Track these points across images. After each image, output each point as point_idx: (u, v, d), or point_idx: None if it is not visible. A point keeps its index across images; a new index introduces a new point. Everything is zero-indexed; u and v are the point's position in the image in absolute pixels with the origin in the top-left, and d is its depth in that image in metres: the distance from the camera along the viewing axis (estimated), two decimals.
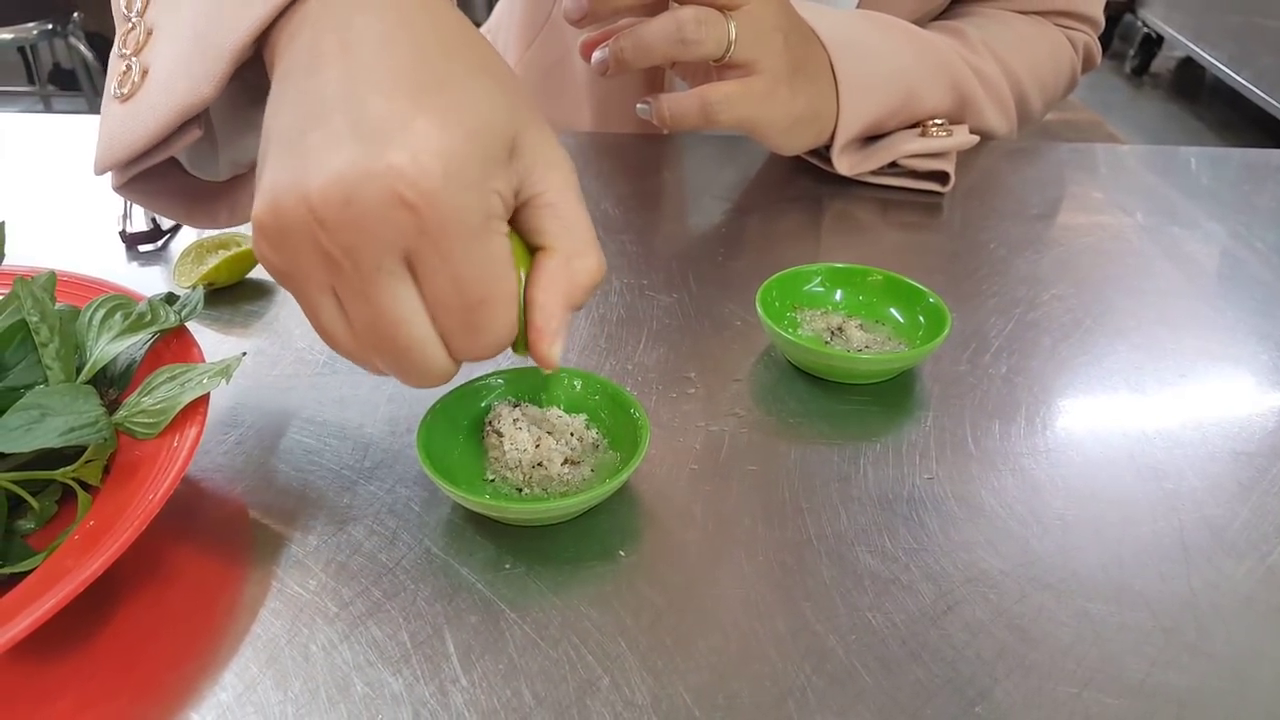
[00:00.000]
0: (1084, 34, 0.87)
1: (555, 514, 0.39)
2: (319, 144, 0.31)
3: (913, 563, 0.38)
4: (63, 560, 0.33)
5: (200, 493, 0.41)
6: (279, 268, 0.33)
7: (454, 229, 0.31)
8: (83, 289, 0.47)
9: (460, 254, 0.32)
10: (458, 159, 0.31)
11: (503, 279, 0.34)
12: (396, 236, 0.31)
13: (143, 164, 0.39)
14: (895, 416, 0.47)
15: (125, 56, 0.38)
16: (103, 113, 0.39)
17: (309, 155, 0.31)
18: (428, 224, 0.31)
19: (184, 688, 0.33)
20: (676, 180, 0.77)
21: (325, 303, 0.33)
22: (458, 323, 0.33)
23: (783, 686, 0.33)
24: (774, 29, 0.63)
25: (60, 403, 0.38)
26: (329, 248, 0.31)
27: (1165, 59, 4.19)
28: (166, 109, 0.36)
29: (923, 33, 0.76)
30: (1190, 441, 0.46)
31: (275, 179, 0.31)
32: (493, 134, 0.33)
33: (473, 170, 0.32)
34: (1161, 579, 0.38)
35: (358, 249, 0.31)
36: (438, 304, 0.33)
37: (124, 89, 0.38)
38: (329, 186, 0.30)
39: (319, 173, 0.30)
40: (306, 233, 0.31)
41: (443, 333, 0.34)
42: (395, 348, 0.33)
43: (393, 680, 0.33)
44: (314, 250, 0.31)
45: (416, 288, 0.33)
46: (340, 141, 0.31)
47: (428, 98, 0.32)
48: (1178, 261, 0.64)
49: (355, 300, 0.32)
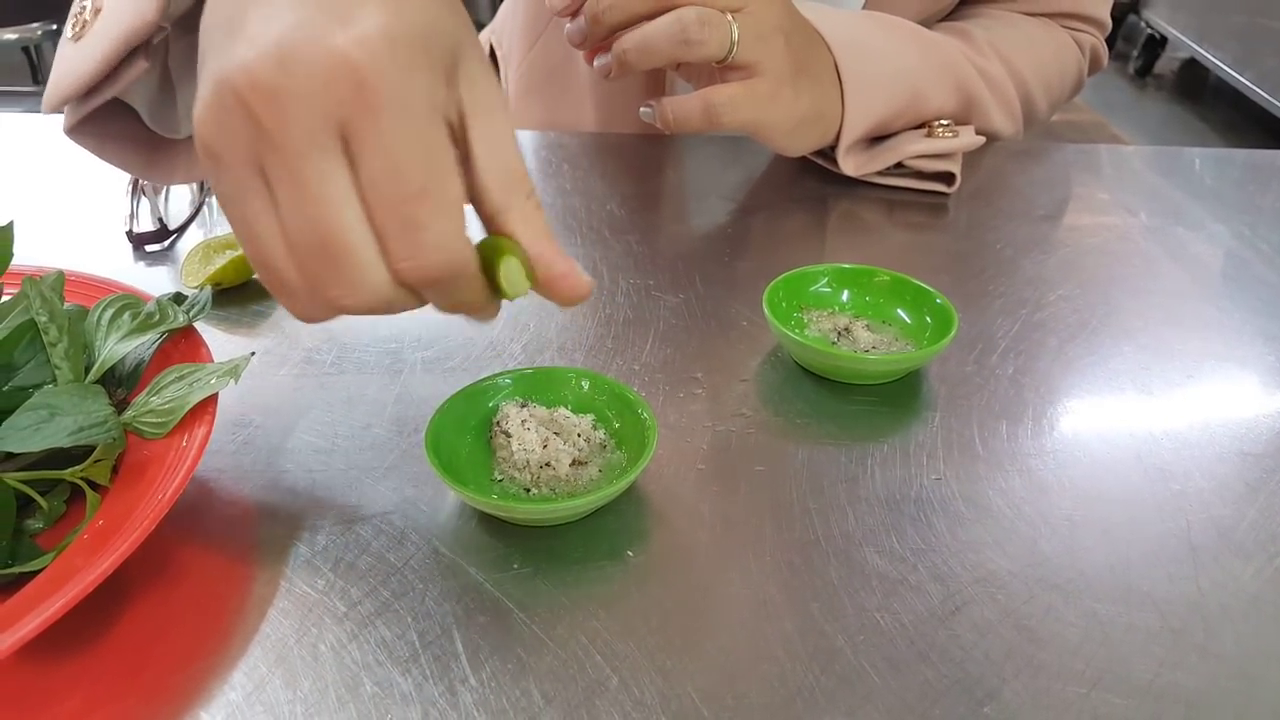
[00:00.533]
0: (1090, 36, 0.87)
1: (563, 514, 0.39)
2: (259, 19, 0.30)
3: (920, 563, 0.38)
4: (72, 560, 0.33)
5: (208, 493, 0.41)
6: (215, 152, 0.31)
7: (396, 107, 0.30)
8: (91, 289, 0.47)
9: (400, 136, 0.30)
10: (406, 39, 0.30)
11: (445, 175, 0.31)
12: (334, 107, 0.29)
13: (93, 101, 0.39)
14: (902, 417, 0.47)
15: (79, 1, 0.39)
16: (57, 57, 0.39)
17: (249, 29, 0.30)
18: (370, 94, 0.29)
19: (193, 687, 0.33)
20: (682, 181, 0.77)
21: (256, 194, 0.31)
22: (394, 218, 0.31)
23: (791, 687, 0.33)
24: (776, 30, 0.63)
25: (69, 402, 0.38)
26: (262, 118, 0.29)
27: (1169, 60, 4.19)
28: (112, 37, 0.37)
29: (928, 33, 0.75)
30: (1197, 442, 0.46)
31: (215, 65, 0.30)
32: (440, 38, 0.32)
33: (420, 56, 0.30)
34: (1169, 579, 0.38)
35: (293, 117, 0.29)
36: (373, 190, 0.30)
37: (76, 28, 0.38)
38: (268, 52, 0.29)
39: (260, 41, 0.29)
40: (243, 106, 0.29)
41: (379, 233, 0.31)
42: (326, 244, 0.31)
43: (402, 680, 0.33)
44: (248, 125, 0.30)
45: (351, 174, 0.30)
46: (282, 16, 0.29)
47: None
48: (1183, 262, 0.64)
49: (285, 183, 0.30)
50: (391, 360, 0.50)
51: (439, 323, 0.54)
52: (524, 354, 0.51)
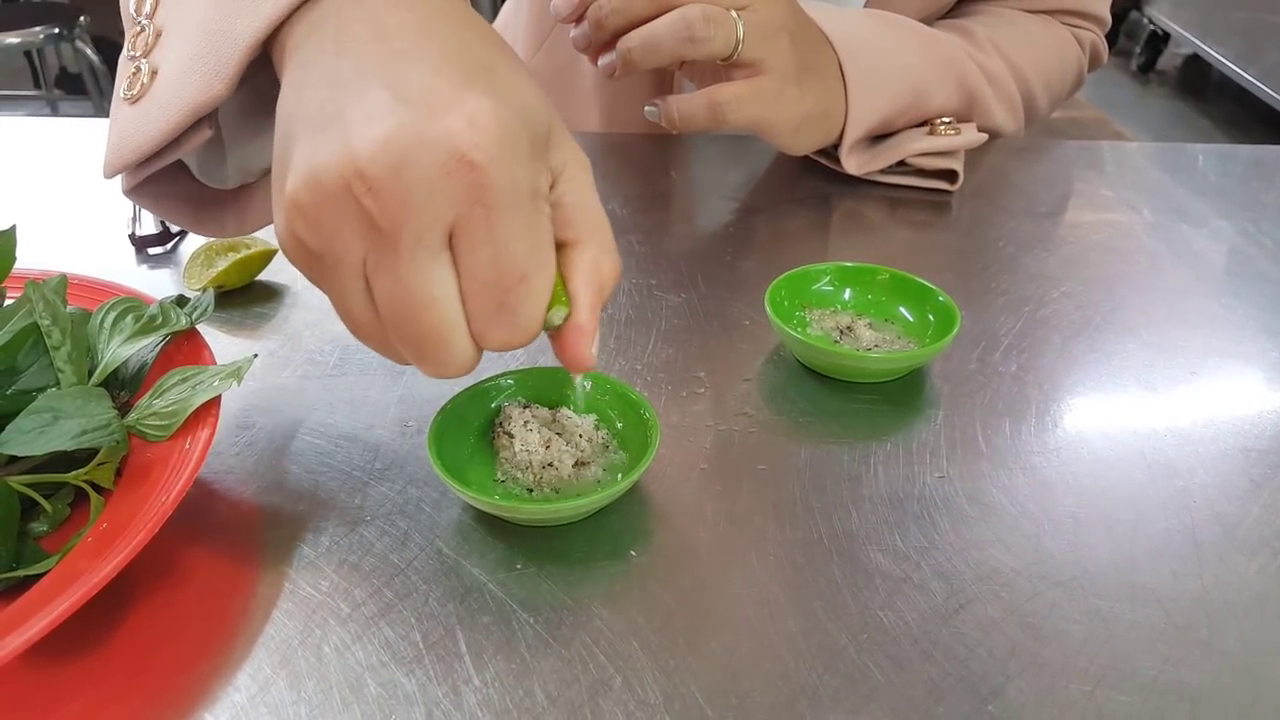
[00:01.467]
0: (1090, 33, 0.87)
1: (567, 514, 0.39)
2: (362, 115, 0.30)
3: (924, 561, 0.38)
4: (76, 563, 0.33)
5: (212, 495, 0.41)
6: (312, 247, 0.31)
7: (507, 199, 0.30)
8: (94, 292, 0.47)
9: (509, 226, 0.31)
10: (512, 130, 0.30)
11: (545, 257, 0.33)
12: (448, 205, 0.30)
13: (153, 166, 0.38)
14: (905, 415, 0.47)
15: (135, 59, 0.38)
16: (112, 116, 0.38)
17: (351, 126, 0.29)
18: (484, 191, 0.30)
19: (198, 689, 0.33)
20: (684, 180, 0.77)
21: (354, 284, 0.32)
22: (491, 303, 0.32)
23: (795, 685, 0.33)
24: (780, 28, 0.63)
25: (72, 405, 0.38)
26: (375, 217, 0.30)
27: (1171, 56, 4.18)
28: (177, 107, 0.36)
29: (930, 31, 0.76)
30: (1201, 439, 0.46)
31: (312, 153, 0.30)
32: (538, 118, 0.32)
33: (525, 144, 0.31)
34: (1173, 576, 0.38)
35: (405, 217, 0.30)
36: (475, 281, 0.32)
37: (133, 90, 0.37)
38: (380, 151, 0.29)
39: (366, 139, 0.29)
40: (350, 203, 0.30)
41: (473, 315, 0.32)
42: (420, 331, 0.32)
43: (406, 680, 0.33)
44: (354, 223, 0.30)
45: (453, 269, 0.31)
46: (388, 110, 0.29)
47: (475, 79, 0.31)
48: (1186, 259, 0.64)
49: (388, 278, 0.31)
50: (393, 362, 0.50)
51: None
52: (526, 354, 0.51)
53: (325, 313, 0.55)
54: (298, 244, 0.32)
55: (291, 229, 0.31)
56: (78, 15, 3.03)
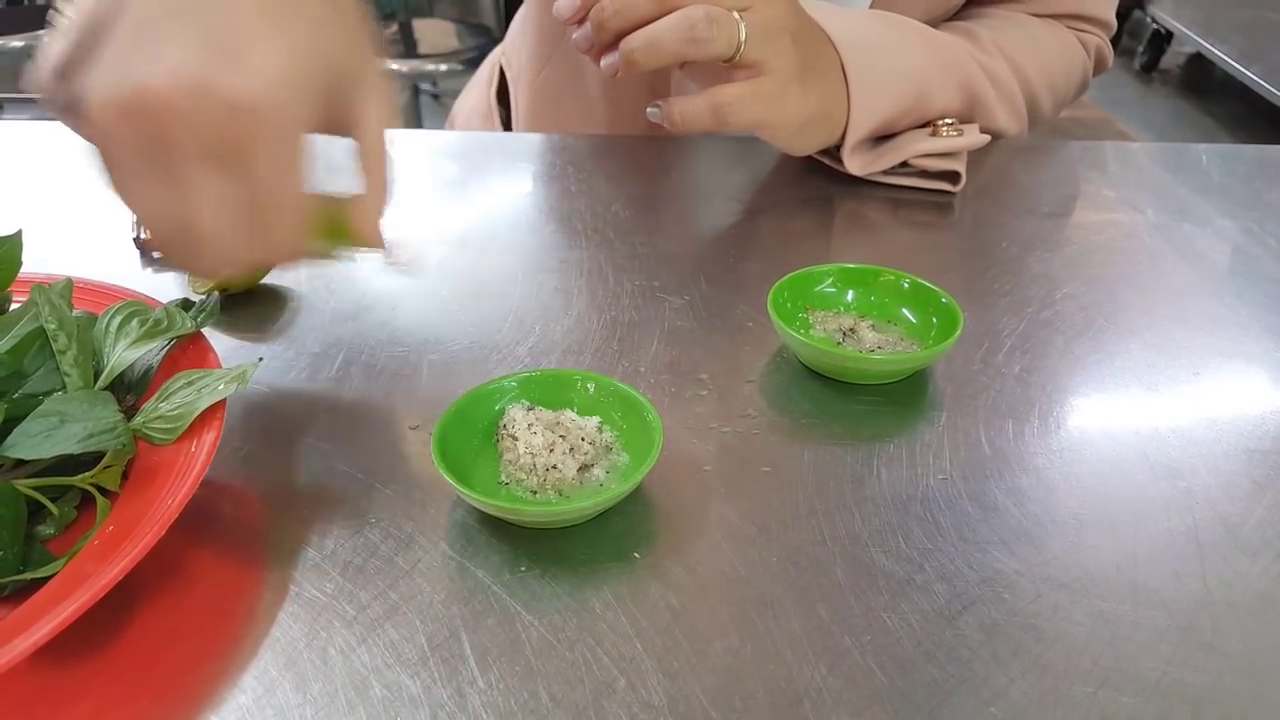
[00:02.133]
0: (1096, 37, 0.87)
1: (570, 516, 0.39)
2: (177, 42, 0.35)
3: (927, 563, 0.38)
4: (83, 565, 0.34)
5: (217, 497, 0.42)
6: (110, 133, 0.36)
7: (271, 141, 0.37)
8: (99, 295, 0.47)
9: (270, 164, 0.37)
10: (289, 83, 0.37)
11: (297, 194, 0.39)
12: (225, 134, 0.36)
13: None
14: (908, 417, 0.47)
15: None
16: None
17: (166, 49, 0.35)
18: (253, 132, 0.36)
19: (203, 691, 0.33)
20: (687, 182, 0.77)
21: (137, 178, 0.37)
22: (250, 225, 0.38)
23: (798, 687, 0.33)
24: (782, 29, 0.63)
25: (79, 409, 0.38)
26: (167, 130, 0.35)
27: (1174, 55, 4.17)
28: None
29: (934, 32, 0.75)
30: (1204, 439, 0.46)
31: (129, 66, 0.35)
32: (326, 73, 0.39)
33: (301, 95, 0.37)
34: (1176, 577, 0.38)
35: (190, 137, 0.36)
36: (236, 199, 0.37)
37: None
38: (184, 79, 0.35)
39: (178, 68, 0.35)
40: (149, 116, 0.35)
41: (235, 231, 0.38)
42: (190, 238, 0.38)
43: (410, 682, 0.33)
44: (150, 129, 0.35)
45: (220, 183, 0.37)
46: (194, 47, 0.35)
47: (279, 27, 0.37)
48: (1190, 259, 0.64)
49: (164, 183, 0.37)
50: (398, 364, 0.51)
51: (445, 326, 0.54)
52: (530, 356, 0.51)
53: (329, 316, 0.55)
54: (101, 132, 0.37)
55: (102, 122, 0.36)
56: None
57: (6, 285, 0.44)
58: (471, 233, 0.66)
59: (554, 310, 0.56)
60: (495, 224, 0.68)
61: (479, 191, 0.74)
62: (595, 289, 0.58)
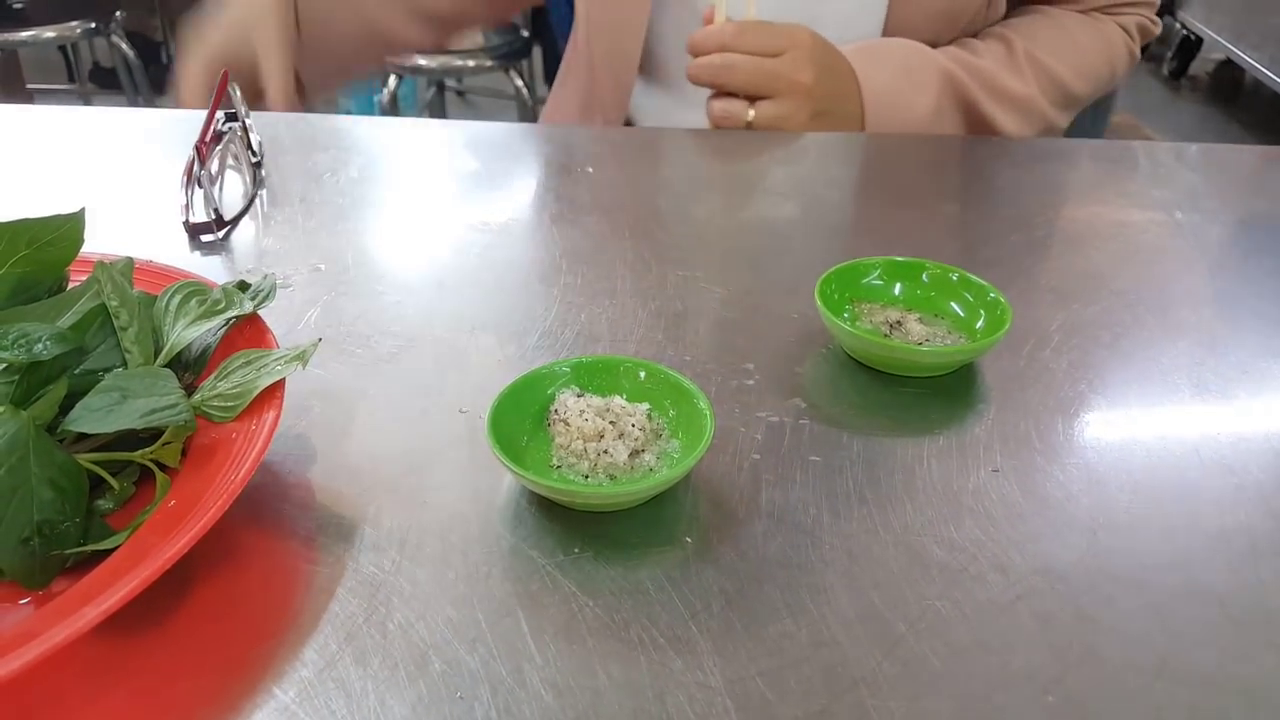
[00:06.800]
0: (1137, 15, 0.93)
1: (625, 499, 0.39)
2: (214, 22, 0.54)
3: (980, 554, 0.38)
4: (147, 538, 0.34)
5: (273, 476, 0.42)
6: None
7: None
8: (156, 276, 0.48)
9: None
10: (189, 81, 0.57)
11: None
12: None
13: None
14: (956, 410, 0.47)
15: None
16: None
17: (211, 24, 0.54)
18: None
19: (265, 664, 0.33)
20: (730, 173, 0.77)
21: None
22: None
23: (854, 672, 0.33)
24: (804, 97, 0.80)
25: (140, 385, 0.39)
26: None
27: (1203, 61, 4.14)
28: None
29: (951, 71, 0.84)
30: (1254, 436, 0.46)
31: None
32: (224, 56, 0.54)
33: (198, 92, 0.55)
34: (1230, 572, 0.38)
35: None
36: None
37: None
38: None
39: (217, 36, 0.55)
40: None
41: None
42: None
43: (469, 658, 0.33)
44: None
45: None
46: None
47: None
48: (1235, 258, 0.63)
49: None
50: (446, 349, 0.51)
51: (490, 313, 0.54)
52: (576, 342, 0.52)
53: (379, 299, 0.55)
54: None
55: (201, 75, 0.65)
56: (113, 10, 3.07)
57: (69, 262, 0.44)
58: (514, 224, 0.66)
59: (599, 299, 0.56)
60: (538, 214, 0.68)
61: (521, 182, 0.74)
62: (639, 279, 0.59)
